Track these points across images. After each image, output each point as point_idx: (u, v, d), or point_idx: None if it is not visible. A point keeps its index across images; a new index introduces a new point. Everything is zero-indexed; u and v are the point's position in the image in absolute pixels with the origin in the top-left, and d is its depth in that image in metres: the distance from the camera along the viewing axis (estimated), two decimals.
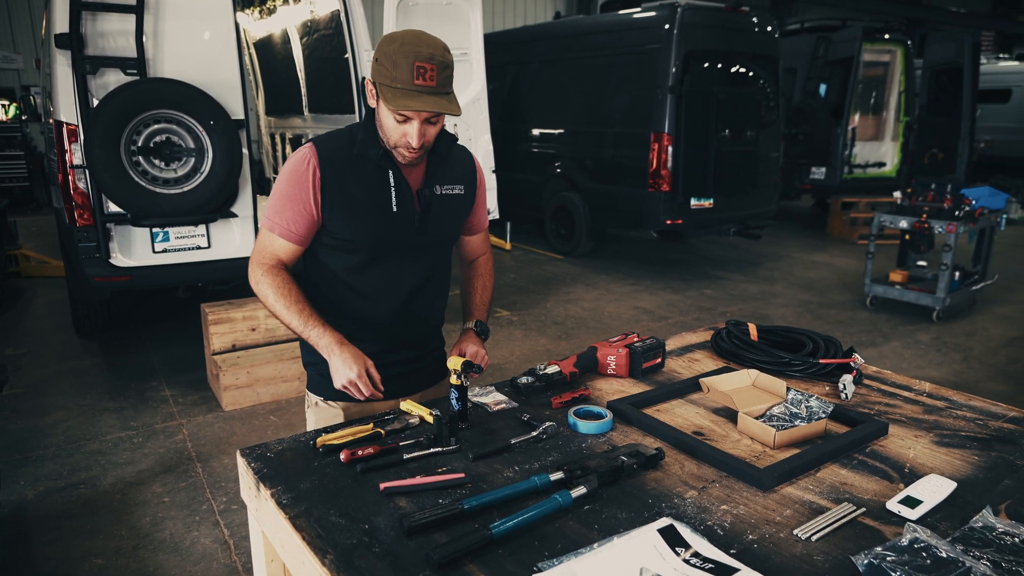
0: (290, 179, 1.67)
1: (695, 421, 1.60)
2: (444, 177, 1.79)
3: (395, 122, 1.60)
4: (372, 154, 1.68)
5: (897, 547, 1.09)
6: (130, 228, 4.19)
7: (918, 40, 9.94)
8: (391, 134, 1.62)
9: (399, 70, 1.53)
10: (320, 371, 1.80)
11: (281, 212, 1.68)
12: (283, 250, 1.72)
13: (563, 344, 5.30)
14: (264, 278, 1.69)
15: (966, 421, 1.63)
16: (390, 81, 1.54)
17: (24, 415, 4.05)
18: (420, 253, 1.80)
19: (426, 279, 1.84)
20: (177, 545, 2.85)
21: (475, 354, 1.82)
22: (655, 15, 6.99)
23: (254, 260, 1.73)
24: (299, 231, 1.69)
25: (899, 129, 9.85)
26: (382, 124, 1.64)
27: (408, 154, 1.65)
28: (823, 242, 9.35)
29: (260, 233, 1.75)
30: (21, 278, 7.08)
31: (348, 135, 1.72)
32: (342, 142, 1.71)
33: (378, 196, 1.70)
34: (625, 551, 1.08)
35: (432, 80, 1.54)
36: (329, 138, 1.73)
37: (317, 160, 1.66)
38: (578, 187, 7.96)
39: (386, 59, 1.55)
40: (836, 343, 1.95)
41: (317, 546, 1.10)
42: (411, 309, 1.84)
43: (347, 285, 1.78)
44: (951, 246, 5.49)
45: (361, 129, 1.70)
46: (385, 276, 1.77)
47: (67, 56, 3.91)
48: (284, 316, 1.66)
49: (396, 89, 1.54)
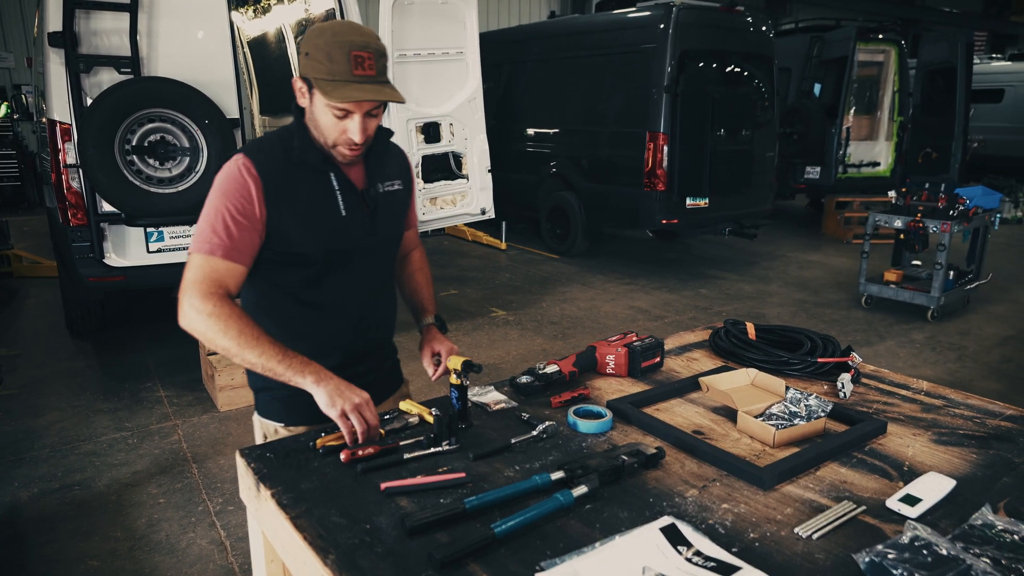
0: (226, 191, 1.50)
1: (694, 420, 1.60)
2: (384, 174, 1.71)
3: (334, 119, 1.50)
4: (311, 159, 1.57)
5: (898, 545, 1.09)
6: (124, 228, 4.17)
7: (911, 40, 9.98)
8: (329, 132, 1.52)
9: (335, 62, 1.44)
10: (277, 395, 1.67)
11: (221, 231, 1.48)
12: (229, 274, 1.50)
13: (559, 344, 5.30)
14: (217, 309, 1.45)
15: (964, 419, 1.63)
16: (327, 75, 1.45)
17: (17, 416, 4.02)
18: (372, 257, 1.71)
19: (382, 284, 1.77)
20: (173, 546, 2.84)
21: (449, 351, 1.77)
22: (650, 14, 7.00)
23: (193, 292, 1.46)
24: (246, 250, 1.51)
25: (893, 129, 9.89)
26: (318, 123, 1.53)
27: (349, 152, 1.55)
28: (817, 241, 9.38)
29: (194, 259, 1.49)
30: (13, 278, 7.04)
31: (279, 141, 1.59)
32: (275, 150, 1.57)
33: (324, 202, 1.59)
34: (627, 550, 1.08)
35: (371, 69, 1.46)
36: (260, 147, 1.59)
37: (254, 168, 1.51)
38: (574, 187, 7.96)
39: (318, 52, 1.45)
40: (834, 342, 1.96)
41: (319, 546, 1.10)
42: (368, 318, 1.75)
43: (299, 301, 1.64)
44: (945, 245, 5.52)
45: (295, 134, 1.58)
46: (341, 286, 1.66)
47: (60, 55, 3.90)
48: (253, 351, 1.44)
49: (335, 82, 1.44)
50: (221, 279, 1.48)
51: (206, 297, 1.45)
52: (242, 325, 1.45)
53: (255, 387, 1.75)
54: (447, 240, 9.19)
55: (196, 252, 1.50)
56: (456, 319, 5.85)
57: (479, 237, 8.92)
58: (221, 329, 1.44)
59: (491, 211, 5.64)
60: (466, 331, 5.56)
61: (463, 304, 6.29)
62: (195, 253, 1.50)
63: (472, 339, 5.39)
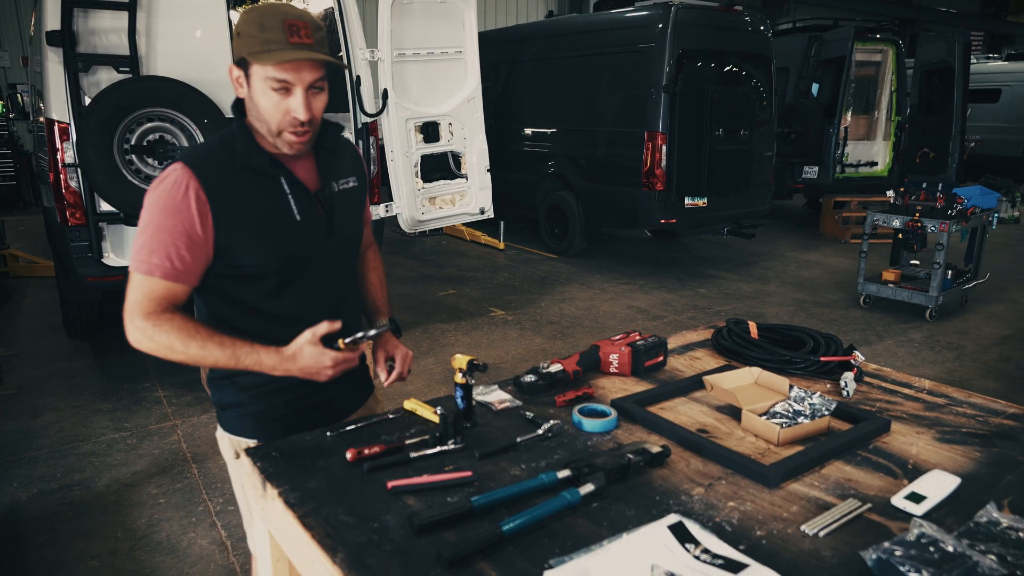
0: (166, 209, 1.40)
1: (698, 419, 1.60)
2: (337, 171, 1.62)
3: (275, 96, 1.40)
4: (257, 162, 1.47)
5: (905, 542, 1.10)
6: (123, 227, 4.16)
7: (908, 40, 9.99)
8: (271, 115, 1.42)
9: (268, 31, 1.37)
10: (247, 411, 1.61)
11: (159, 249, 1.40)
12: (169, 294, 1.43)
13: (558, 343, 5.31)
14: (158, 328, 1.41)
15: (967, 418, 1.64)
16: (261, 46, 1.37)
17: (15, 416, 4.01)
18: (332, 260, 1.62)
19: (345, 288, 1.69)
20: (174, 546, 2.83)
21: (405, 356, 1.75)
22: (649, 14, 7.00)
23: (133, 313, 1.42)
24: (187, 268, 1.43)
25: (891, 128, 9.91)
26: (259, 109, 1.43)
27: (296, 138, 1.45)
28: (815, 241, 9.39)
29: (135, 280, 1.43)
30: (10, 278, 7.01)
31: (221, 147, 1.49)
32: (217, 156, 1.47)
33: (276, 208, 1.50)
34: (636, 548, 1.08)
35: (308, 38, 1.39)
36: (200, 154, 1.49)
37: (197, 182, 1.41)
38: (572, 186, 7.97)
39: (250, 26, 1.38)
40: (836, 341, 1.96)
41: (327, 545, 1.10)
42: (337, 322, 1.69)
43: (259, 313, 1.55)
44: (944, 245, 5.53)
45: (236, 137, 1.48)
46: (302, 294, 1.57)
47: (59, 53, 3.89)
48: (203, 355, 1.41)
49: (270, 51, 1.37)
50: (162, 299, 1.43)
51: (147, 317, 1.42)
52: (185, 335, 1.41)
53: (221, 403, 1.66)
54: (445, 240, 9.18)
55: (135, 271, 1.43)
56: (455, 319, 5.85)
57: (477, 237, 8.92)
58: (168, 345, 1.42)
59: (490, 211, 5.64)
60: (465, 331, 5.56)
61: (462, 304, 6.29)
62: (135, 272, 1.43)
63: (471, 339, 5.39)
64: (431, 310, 6.10)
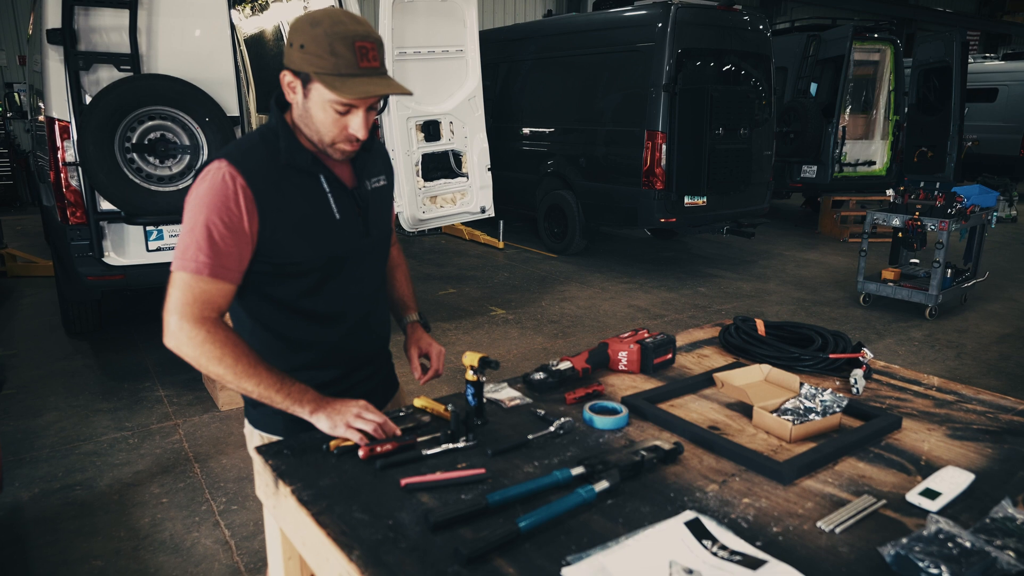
0: (212, 205, 1.38)
1: (709, 416, 1.60)
2: (370, 170, 1.64)
3: (335, 115, 1.40)
4: (300, 161, 1.47)
5: (923, 538, 1.09)
6: (123, 226, 4.15)
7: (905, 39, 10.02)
8: (328, 130, 1.43)
9: (339, 56, 1.35)
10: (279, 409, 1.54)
11: (207, 248, 1.38)
12: (219, 294, 1.41)
13: (560, 342, 5.30)
14: (211, 336, 1.37)
15: (976, 415, 1.64)
16: (331, 69, 1.35)
17: (16, 416, 3.99)
18: (368, 259, 1.64)
19: (377, 286, 1.71)
20: (178, 546, 2.82)
21: (439, 353, 1.76)
22: (648, 13, 7.01)
23: (182, 316, 1.38)
24: (234, 265, 1.41)
25: (889, 128, 9.93)
26: (312, 121, 1.43)
27: (349, 148, 1.47)
28: (814, 240, 9.41)
29: (179, 278, 1.39)
30: (7, 278, 6.99)
31: (263, 143, 1.48)
32: (259, 152, 1.46)
33: (317, 207, 1.50)
34: (653, 544, 1.08)
35: (376, 60, 1.39)
36: (243, 150, 1.46)
37: (243, 178, 1.40)
38: (571, 185, 7.97)
39: (316, 44, 1.35)
40: (845, 338, 1.96)
41: (343, 542, 1.09)
42: (367, 322, 1.68)
43: (297, 311, 1.55)
44: (943, 243, 5.54)
45: (279, 135, 1.48)
46: (339, 292, 1.58)
47: (59, 52, 3.87)
48: (249, 381, 1.38)
49: (342, 76, 1.36)
50: (211, 300, 1.40)
51: (198, 322, 1.38)
52: (238, 353, 1.38)
53: (252, 401, 1.62)
54: (444, 239, 9.17)
55: (181, 270, 1.39)
56: (456, 318, 5.84)
57: (476, 236, 8.91)
58: (216, 357, 1.38)
59: (491, 209, 5.64)
60: (466, 330, 5.56)
61: (462, 303, 6.28)
62: (180, 271, 1.39)
63: (472, 338, 5.38)
64: (431, 309, 6.09)
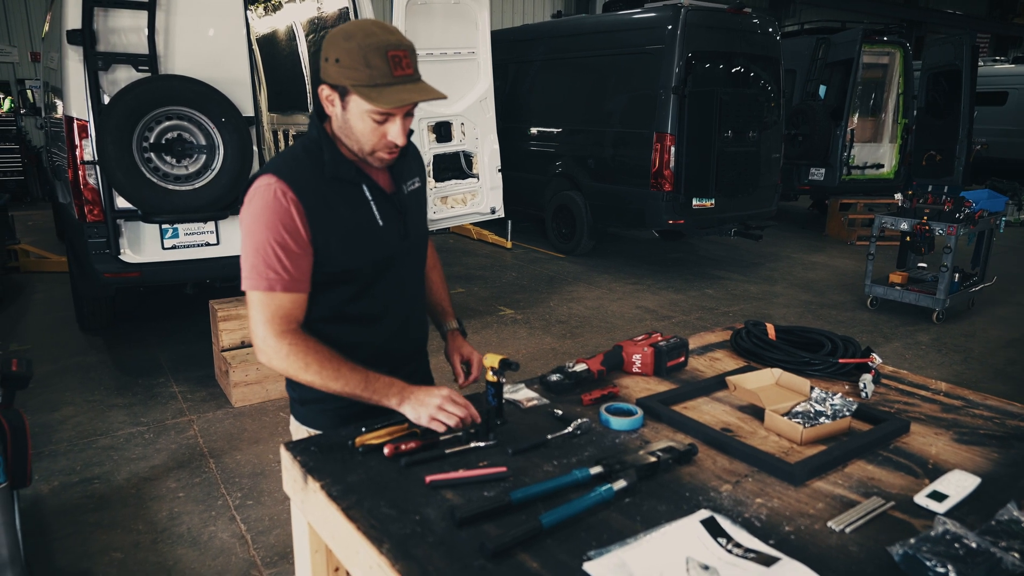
0: (270, 222, 1.44)
1: (722, 418, 1.64)
2: (406, 174, 1.68)
3: (373, 124, 1.45)
4: (345, 173, 1.53)
5: (930, 538, 1.13)
6: (140, 224, 4.21)
7: (915, 42, 10.03)
8: (367, 139, 1.48)
9: (373, 67, 1.40)
10: (328, 407, 1.64)
11: (276, 265, 1.44)
12: (295, 306, 1.48)
13: (568, 343, 5.35)
14: (294, 348, 1.45)
15: (984, 420, 1.67)
16: (367, 80, 1.40)
17: (33, 410, 4.06)
18: (409, 260, 1.70)
19: (418, 286, 1.77)
20: (195, 539, 2.88)
21: (479, 361, 1.79)
22: (658, 15, 7.04)
23: (266, 334, 1.46)
24: (301, 275, 1.48)
25: (897, 131, 9.94)
26: (352, 131, 1.48)
27: (388, 156, 1.52)
28: (821, 243, 9.43)
29: (254, 297, 1.46)
30: (20, 273, 7.07)
31: (307, 156, 1.53)
32: (304, 166, 1.51)
33: (362, 215, 1.56)
34: (670, 541, 1.13)
35: (409, 67, 1.44)
36: (289, 164, 1.51)
37: (292, 191, 1.46)
38: (580, 186, 8.01)
39: (351, 57, 1.40)
40: (854, 343, 2.00)
41: (373, 536, 1.14)
42: (410, 322, 1.75)
43: (345, 317, 1.61)
44: (951, 248, 5.56)
45: (323, 147, 1.52)
46: (383, 295, 1.64)
47: (79, 52, 3.93)
48: (337, 383, 1.45)
49: (378, 87, 1.40)
50: (288, 313, 1.47)
51: (281, 336, 1.46)
52: (321, 358, 1.46)
53: (302, 399, 1.69)
54: (452, 238, 9.23)
55: (255, 290, 1.46)
56: (464, 317, 5.88)
57: (484, 236, 8.96)
58: (301, 366, 1.45)
59: (501, 210, 5.68)
60: (475, 329, 5.60)
61: (471, 302, 6.33)
62: (254, 291, 1.46)
63: (481, 337, 5.43)
64: None
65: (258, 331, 1.47)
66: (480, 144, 5.48)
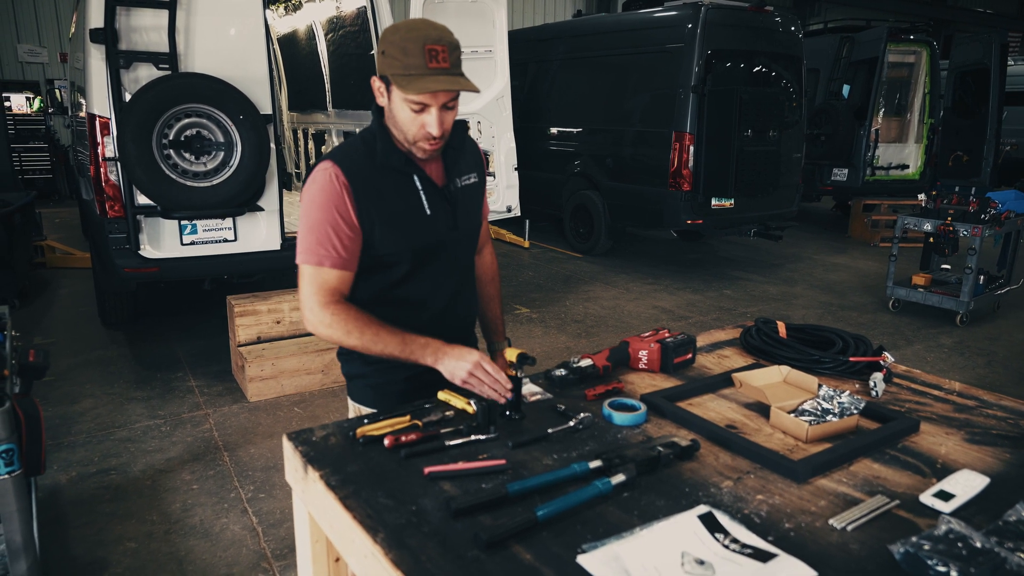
0: (323, 203, 1.56)
1: (727, 415, 1.63)
2: (461, 168, 1.76)
3: (411, 113, 1.53)
4: (395, 162, 1.61)
5: (933, 537, 1.11)
6: (159, 220, 4.26)
7: (943, 41, 9.86)
8: (408, 128, 1.56)
9: (410, 56, 1.48)
10: (369, 383, 1.76)
11: (325, 240, 1.57)
12: (340, 282, 1.60)
13: (583, 342, 5.33)
14: (336, 317, 1.56)
15: (997, 420, 1.64)
16: (402, 69, 1.49)
17: (54, 402, 4.13)
18: (455, 251, 1.77)
19: (464, 275, 1.84)
20: (207, 531, 2.91)
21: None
22: (678, 14, 6.99)
23: (312, 304, 1.58)
24: (350, 255, 1.60)
25: (923, 131, 9.78)
26: (396, 120, 1.57)
27: (429, 146, 1.59)
28: (844, 244, 9.30)
29: (305, 273, 1.59)
30: (46, 269, 7.20)
31: (363, 145, 1.64)
32: (359, 154, 1.62)
33: (410, 203, 1.64)
34: (666, 536, 1.11)
35: (445, 61, 1.50)
36: (346, 152, 1.63)
37: (345, 177, 1.57)
38: (598, 186, 7.98)
39: (393, 48, 1.49)
40: (866, 341, 1.97)
41: (368, 525, 1.14)
42: (453, 310, 1.81)
43: (387, 300, 1.70)
44: (976, 250, 5.46)
45: (377, 137, 1.62)
46: (427, 281, 1.72)
47: (101, 50, 3.99)
48: (377, 346, 1.55)
49: (410, 76, 1.48)
50: (335, 287, 1.59)
51: (326, 307, 1.57)
52: (361, 324, 1.56)
53: (349, 374, 1.82)
54: None
55: (306, 263, 1.58)
56: None
57: (502, 235, 8.96)
58: (346, 332, 1.56)
59: (517, 209, 5.68)
60: None
61: None
62: (305, 264, 1.58)
63: None
64: None
65: (306, 302, 1.58)
66: (497, 143, 5.49)
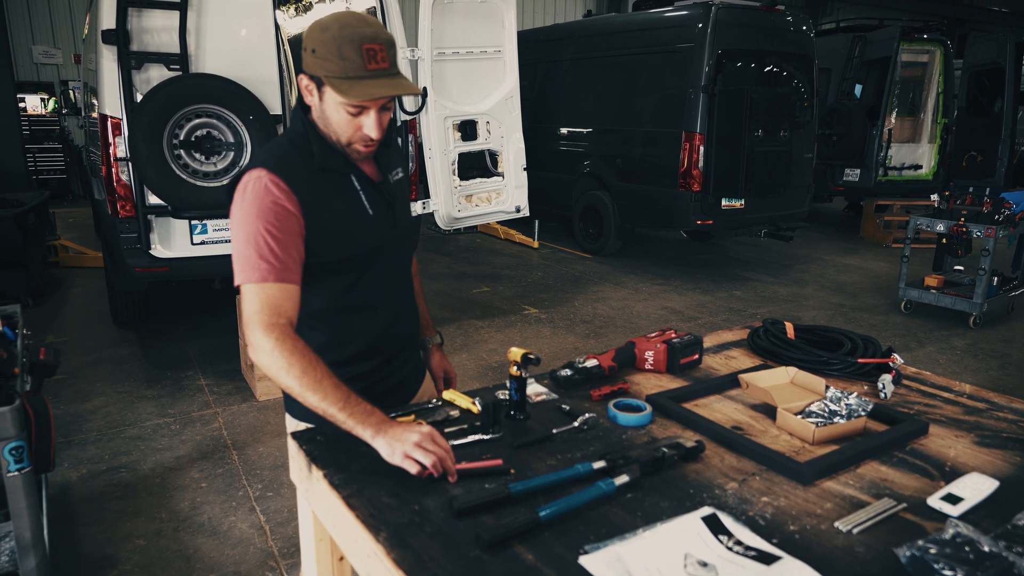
0: (262, 213, 1.42)
1: (733, 416, 1.61)
2: (390, 164, 1.70)
3: (347, 116, 1.45)
4: (333, 164, 1.52)
5: (940, 540, 1.10)
6: (170, 220, 4.30)
7: (957, 40, 9.75)
8: (343, 130, 1.48)
9: (347, 59, 1.39)
10: None
11: (267, 254, 1.41)
12: (286, 297, 1.42)
13: (591, 342, 5.32)
14: (279, 344, 1.36)
15: (1008, 423, 1.62)
16: (340, 72, 1.39)
17: (66, 400, 4.17)
18: (397, 249, 1.71)
19: (407, 275, 1.79)
20: (215, 529, 2.93)
21: (455, 376, 1.94)
22: (688, 14, 6.97)
23: (254, 325, 1.38)
24: (292, 266, 1.44)
25: (936, 131, 9.69)
26: (329, 122, 1.48)
27: (364, 149, 1.52)
28: (855, 245, 9.23)
29: (247, 291, 1.42)
30: (60, 268, 7.27)
31: (293, 148, 1.52)
32: (294, 158, 1.51)
33: (352, 205, 1.57)
34: (669, 537, 1.11)
35: (384, 61, 1.42)
36: (277, 156, 1.51)
37: (284, 183, 1.45)
38: (607, 186, 7.96)
39: (326, 48, 1.39)
40: (875, 343, 1.95)
41: (371, 524, 1.14)
42: (402, 310, 1.76)
43: (339, 307, 1.62)
44: (990, 251, 5.40)
45: (310, 139, 1.52)
46: (376, 284, 1.65)
47: (113, 51, 4.02)
48: (315, 395, 1.34)
49: (350, 79, 1.40)
50: (279, 305, 1.41)
51: (268, 329, 1.37)
52: (305, 364, 1.36)
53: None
54: (479, 237, 9.25)
55: (247, 283, 1.42)
56: (489, 316, 5.90)
57: (511, 235, 8.96)
58: (284, 367, 1.36)
59: (526, 209, 5.67)
60: (499, 328, 5.61)
61: (496, 301, 6.34)
62: (246, 284, 1.42)
63: (505, 336, 5.43)
64: (465, 307, 6.16)
65: (248, 325, 1.41)
66: (505, 143, 5.48)
